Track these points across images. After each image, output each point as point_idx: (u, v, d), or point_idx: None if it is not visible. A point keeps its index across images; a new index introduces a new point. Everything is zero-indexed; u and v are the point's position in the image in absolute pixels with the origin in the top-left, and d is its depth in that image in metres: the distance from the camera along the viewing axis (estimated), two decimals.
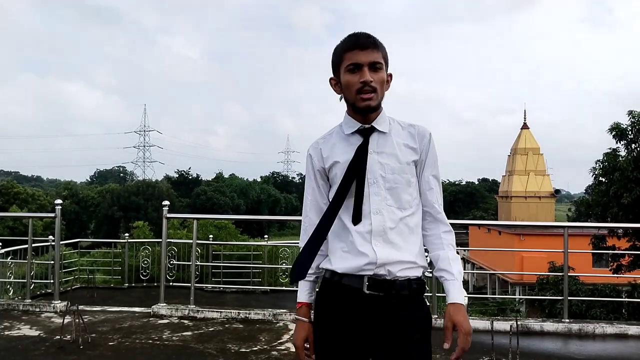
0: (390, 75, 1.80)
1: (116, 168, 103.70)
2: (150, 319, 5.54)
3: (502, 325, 4.92)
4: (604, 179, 17.28)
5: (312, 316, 1.81)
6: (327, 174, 1.83)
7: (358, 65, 1.69)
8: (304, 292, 1.83)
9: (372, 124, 1.76)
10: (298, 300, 1.82)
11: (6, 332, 4.91)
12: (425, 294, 1.81)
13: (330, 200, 1.80)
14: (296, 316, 1.83)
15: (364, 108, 1.72)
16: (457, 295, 1.69)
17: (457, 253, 1.81)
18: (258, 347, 4.53)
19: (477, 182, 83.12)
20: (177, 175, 76.97)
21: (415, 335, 1.69)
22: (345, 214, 1.75)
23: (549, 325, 5.17)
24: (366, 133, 1.76)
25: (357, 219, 1.72)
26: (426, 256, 1.83)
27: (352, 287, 1.69)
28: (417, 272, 1.73)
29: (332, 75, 1.82)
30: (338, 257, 1.75)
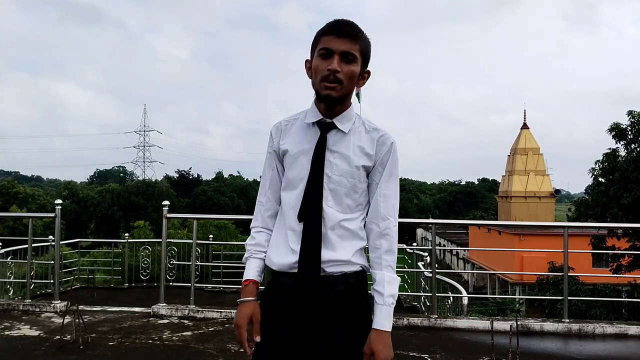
0: (368, 73, 1.70)
1: (116, 168, 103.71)
2: (150, 319, 5.54)
3: (502, 325, 4.91)
4: (603, 180, 17.31)
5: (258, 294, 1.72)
6: (280, 158, 1.76)
7: (330, 52, 1.58)
8: (251, 269, 1.73)
9: (334, 119, 1.67)
10: (244, 278, 1.72)
11: (6, 332, 4.90)
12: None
13: (282, 188, 1.75)
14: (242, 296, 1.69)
15: (325, 97, 1.61)
16: (382, 321, 1.60)
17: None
18: None
19: (477, 182, 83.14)
20: (177, 175, 76.97)
21: (341, 339, 1.62)
22: (288, 207, 1.70)
23: (549, 325, 5.17)
24: (325, 128, 1.67)
25: (303, 216, 1.65)
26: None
27: (287, 285, 1.64)
28: (354, 268, 1.65)
29: (308, 58, 1.70)
30: (274, 251, 1.71)
